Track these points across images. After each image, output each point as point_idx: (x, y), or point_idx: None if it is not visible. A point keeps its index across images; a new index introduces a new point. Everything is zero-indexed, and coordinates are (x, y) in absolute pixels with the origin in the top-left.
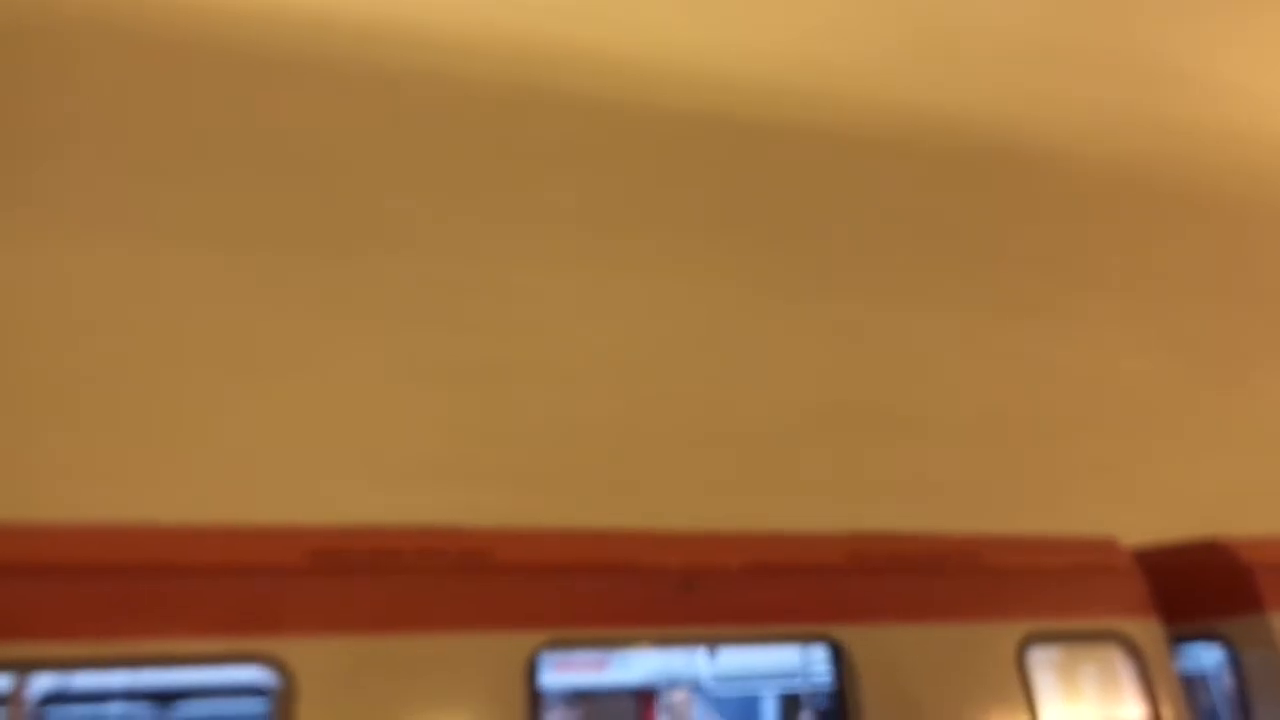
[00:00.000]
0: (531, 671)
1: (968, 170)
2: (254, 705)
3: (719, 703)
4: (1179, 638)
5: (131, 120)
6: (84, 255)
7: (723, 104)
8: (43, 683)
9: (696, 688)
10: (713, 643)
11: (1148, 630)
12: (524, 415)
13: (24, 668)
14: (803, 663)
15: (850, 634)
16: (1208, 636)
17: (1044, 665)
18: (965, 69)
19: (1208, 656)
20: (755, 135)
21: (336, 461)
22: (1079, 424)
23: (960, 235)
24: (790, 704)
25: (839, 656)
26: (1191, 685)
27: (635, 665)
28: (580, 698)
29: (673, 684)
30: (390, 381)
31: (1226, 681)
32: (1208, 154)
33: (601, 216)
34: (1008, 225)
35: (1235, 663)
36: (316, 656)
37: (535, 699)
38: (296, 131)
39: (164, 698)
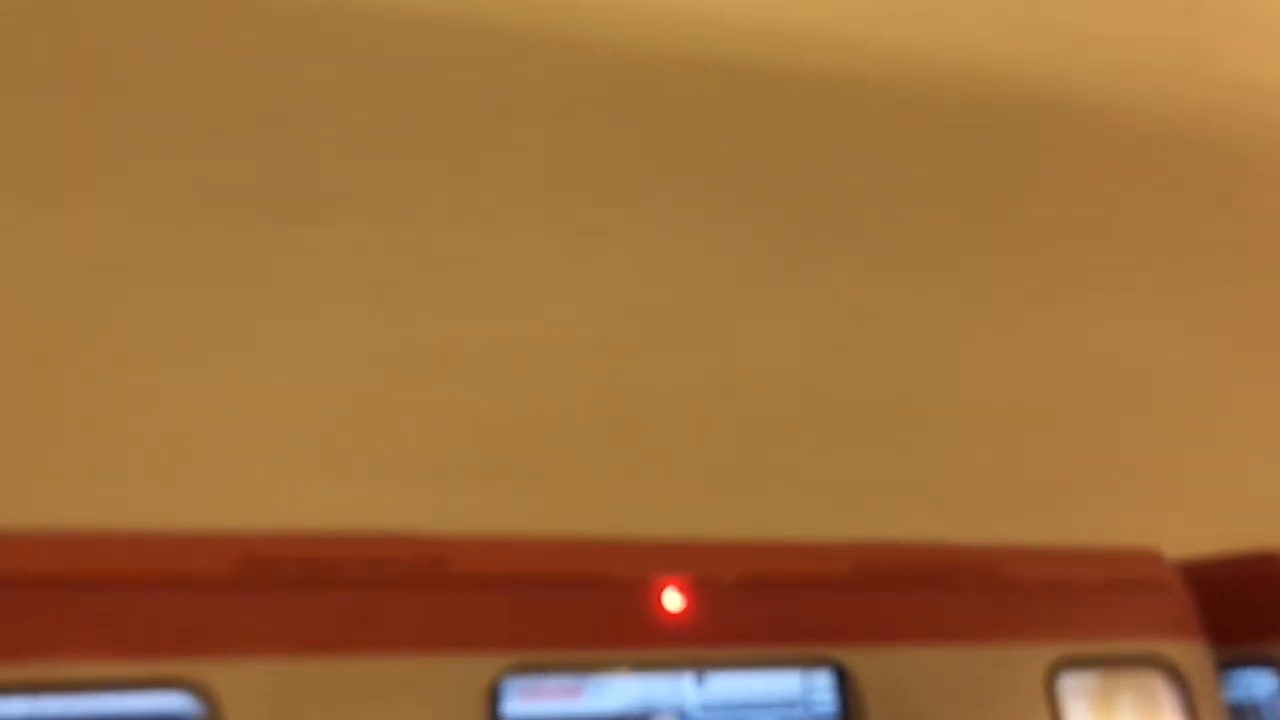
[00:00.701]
0: (493, 699)
1: (990, 124)
2: None
3: None
4: (1229, 662)
5: (40, 66)
6: None
7: (711, 45)
8: None
9: (683, 717)
10: (702, 667)
11: (1193, 654)
12: (488, 404)
13: None
14: (804, 690)
15: (857, 657)
16: (1261, 661)
17: (1076, 693)
18: (988, 5)
19: (1261, 684)
20: (747, 81)
21: (272, 456)
22: (1117, 419)
23: (982, 200)
24: None
25: (844, 682)
26: (1242, 715)
27: (613, 693)
28: None
29: (655, 714)
30: (336, 364)
31: None
32: (1269, 109)
33: (579, 176)
34: (1037, 190)
35: None
36: (246, 681)
37: None
38: (233, 82)
39: None
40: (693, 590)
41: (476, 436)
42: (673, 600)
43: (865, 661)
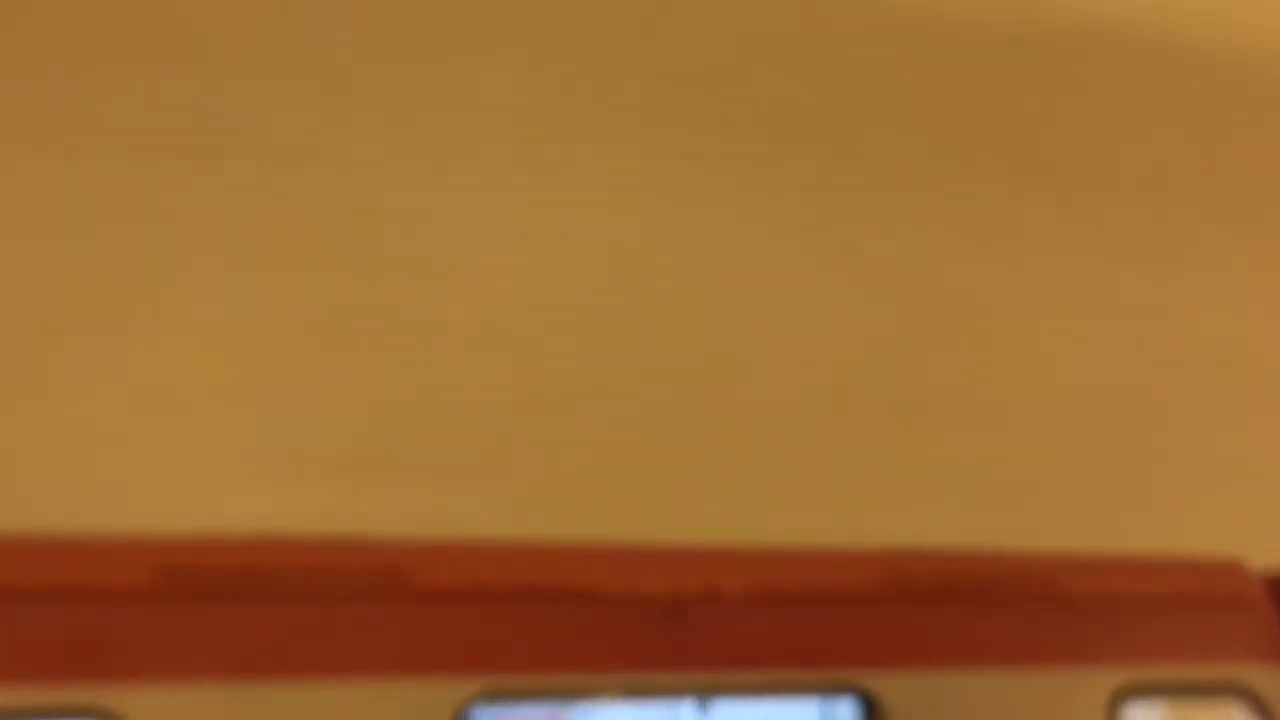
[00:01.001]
0: None
1: (1057, 60)
2: None
3: None
4: None
5: None
6: None
7: None
8: None
9: None
10: (705, 693)
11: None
12: (454, 386)
13: None
14: None
15: (887, 683)
16: None
17: None
18: None
19: None
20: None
21: (197, 446)
22: (1196, 406)
23: (1047, 149)
24: None
25: (871, 712)
26: None
27: None
28: None
29: None
30: (271, 338)
31: None
32: None
33: (555, 113)
34: (1113, 138)
35: None
36: (166, 710)
37: None
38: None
39: None
40: (695, 604)
41: (440, 424)
42: (671, 615)
43: (897, 688)
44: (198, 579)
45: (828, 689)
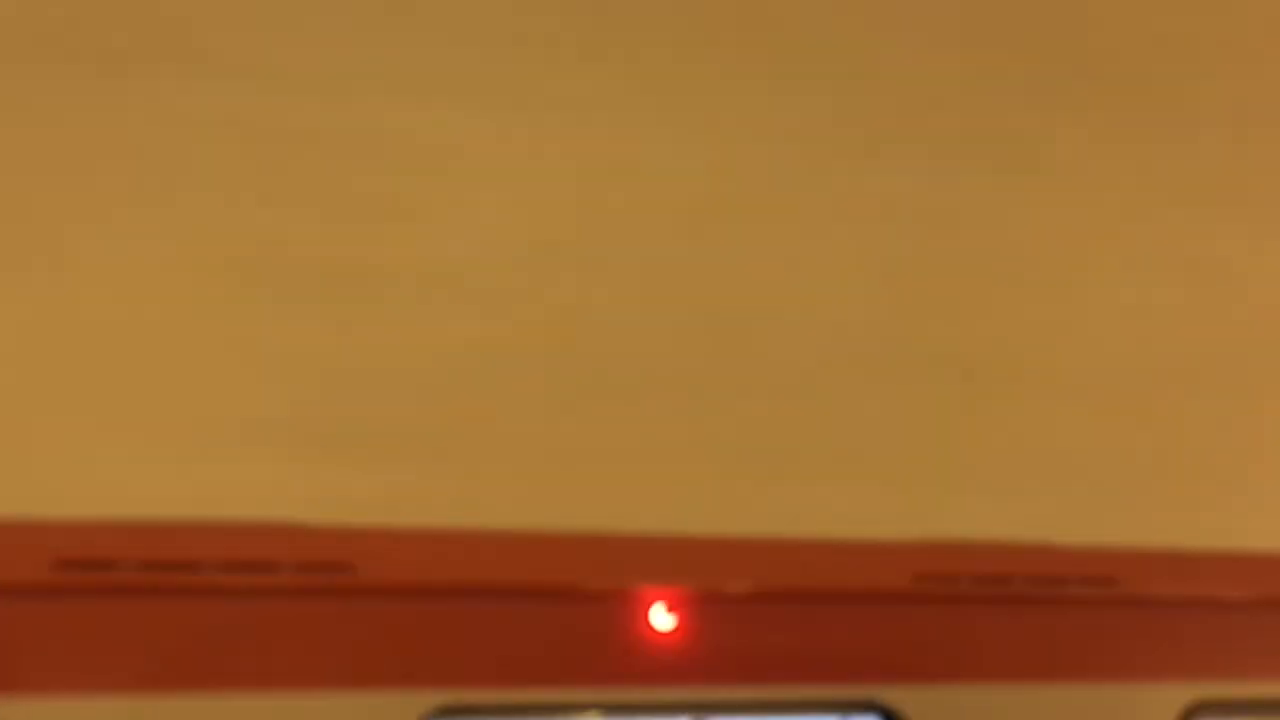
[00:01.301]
0: None
1: None
2: None
3: None
4: None
5: None
6: None
7: None
8: None
9: None
10: (702, 711)
11: None
12: (408, 344)
13: None
14: None
15: (914, 698)
16: None
17: None
18: None
19: None
20: None
21: (100, 415)
22: None
23: (1125, 68)
24: None
25: None
26: None
27: None
28: None
29: None
30: (188, 286)
31: None
32: None
33: (534, 19)
34: (1205, 58)
35: None
36: None
37: None
38: None
39: None
40: (691, 605)
41: (393, 391)
42: (663, 619)
43: (926, 703)
44: (102, 572)
45: (845, 705)
